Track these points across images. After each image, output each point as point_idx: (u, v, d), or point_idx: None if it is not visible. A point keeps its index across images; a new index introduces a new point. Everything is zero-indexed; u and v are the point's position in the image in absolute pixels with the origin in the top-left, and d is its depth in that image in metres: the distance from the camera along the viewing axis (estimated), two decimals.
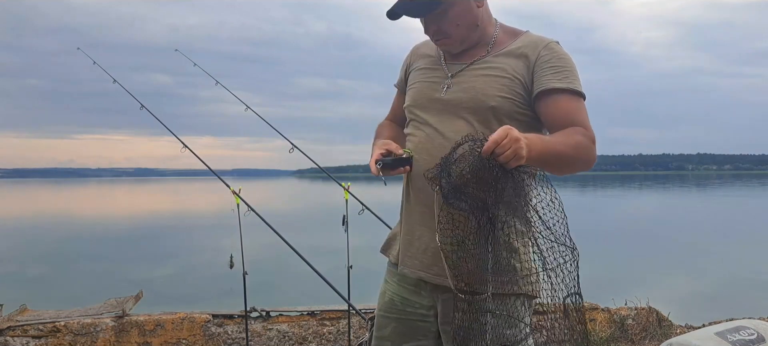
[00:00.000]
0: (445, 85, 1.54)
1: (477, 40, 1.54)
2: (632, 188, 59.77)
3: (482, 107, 1.46)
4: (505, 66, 1.49)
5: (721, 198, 38.28)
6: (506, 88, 1.46)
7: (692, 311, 5.58)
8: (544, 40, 1.50)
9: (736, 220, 21.62)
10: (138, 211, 31.56)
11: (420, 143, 1.54)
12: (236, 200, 3.21)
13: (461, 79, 1.52)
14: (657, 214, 25.26)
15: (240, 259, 3.33)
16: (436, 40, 1.53)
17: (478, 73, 1.51)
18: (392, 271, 1.65)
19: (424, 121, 1.55)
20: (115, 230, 19.56)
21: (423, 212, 1.51)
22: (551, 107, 1.44)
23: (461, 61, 1.55)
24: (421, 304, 1.58)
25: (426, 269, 1.53)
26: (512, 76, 1.47)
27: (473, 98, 1.48)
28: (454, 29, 1.49)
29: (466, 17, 1.49)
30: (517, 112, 1.47)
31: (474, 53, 1.55)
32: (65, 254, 13.47)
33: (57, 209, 33.89)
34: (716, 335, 1.39)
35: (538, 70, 1.45)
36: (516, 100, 1.46)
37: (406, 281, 1.60)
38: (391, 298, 1.62)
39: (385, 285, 1.66)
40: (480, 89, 1.47)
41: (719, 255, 12.04)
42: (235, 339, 4.07)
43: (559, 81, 1.43)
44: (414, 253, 1.55)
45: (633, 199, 39.99)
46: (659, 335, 4.21)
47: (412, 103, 1.60)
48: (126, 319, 4.05)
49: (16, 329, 3.91)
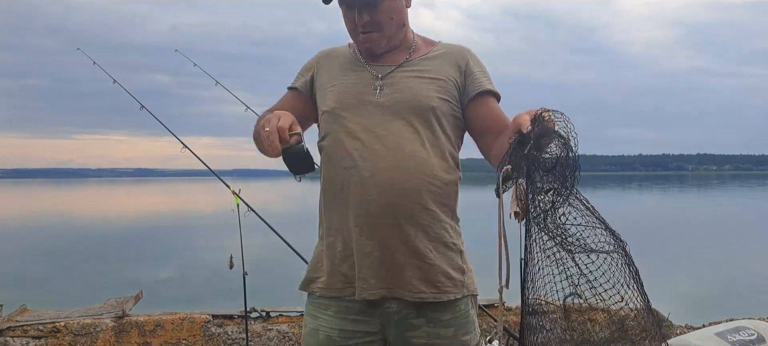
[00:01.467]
0: (376, 87, 1.47)
1: (399, 43, 1.52)
2: (632, 189, 59.77)
3: (423, 108, 1.44)
4: (438, 69, 1.49)
5: (721, 198, 38.28)
6: (443, 89, 1.47)
7: (692, 312, 5.58)
8: (466, 48, 1.56)
9: (736, 220, 21.62)
10: (138, 211, 31.56)
11: (355, 151, 1.41)
12: (236, 201, 3.21)
13: (393, 81, 1.47)
14: (657, 214, 25.26)
15: (240, 259, 3.33)
16: (365, 33, 1.46)
17: (410, 75, 1.48)
18: (322, 304, 1.48)
19: (355, 125, 1.43)
20: (115, 230, 19.57)
21: (372, 224, 1.39)
22: (484, 108, 1.51)
23: (386, 63, 1.51)
24: (368, 332, 1.45)
25: (386, 286, 1.41)
26: (446, 78, 1.48)
27: (413, 99, 1.44)
28: (387, 22, 1.45)
29: (399, 13, 1.48)
30: (452, 114, 1.48)
31: (396, 57, 1.52)
32: (65, 254, 13.48)
33: (57, 209, 33.89)
34: (716, 335, 1.39)
35: (470, 74, 1.51)
36: (451, 102, 1.48)
37: (349, 311, 1.45)
38: (328, 335, 1.46)
39: (314, 322, 1.49)
40: (418, 90, 1.45)
41: (719, 256, 12.04)
42: (235, 339, 4.07)
43: (489, 84, 1.52)
44: (368, 273, 1.41)
45: (633, 199, 39.99)
46: (659, 336, 4.20)
47: (338, 106, 1.47)
48: (126, 319, 4.05)
49: (16, 329, 3.91)
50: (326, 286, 1.48)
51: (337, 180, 1.44)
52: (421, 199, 1.40)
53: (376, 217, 1.39)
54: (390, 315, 1.44)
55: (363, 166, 1.40)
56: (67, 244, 15.72)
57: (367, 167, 1.39)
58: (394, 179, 1.38)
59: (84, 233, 18.80)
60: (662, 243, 13.82)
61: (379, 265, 1.40)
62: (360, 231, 1.41)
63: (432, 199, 1.41)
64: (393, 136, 1.41)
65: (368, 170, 1.39)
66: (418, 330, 1.43)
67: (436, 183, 1.42)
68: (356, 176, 1.40)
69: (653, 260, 11.25)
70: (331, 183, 1.46)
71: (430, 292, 1.42)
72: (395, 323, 1.44)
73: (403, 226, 1.39)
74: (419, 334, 1.43)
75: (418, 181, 1.39)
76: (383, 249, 1.40)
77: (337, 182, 1.44)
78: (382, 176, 1.39)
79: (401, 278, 1.41)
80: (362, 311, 1.44)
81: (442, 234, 1.44)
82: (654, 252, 12.23)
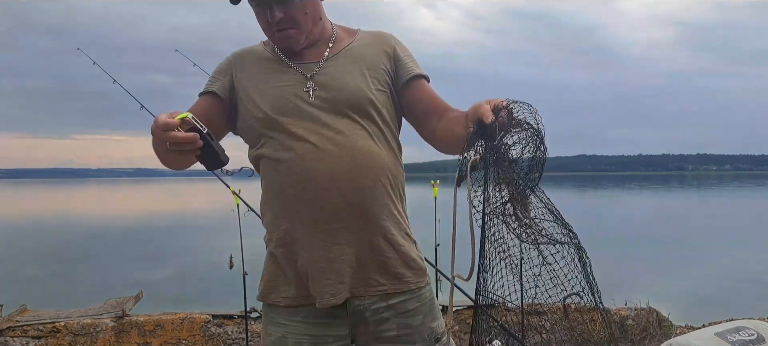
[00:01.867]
0: (307, 87, 1.40)
1: (318, 37, 1.47)
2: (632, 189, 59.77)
3: (362, 102, 1.40)
4: (368, 59, 1.46)
5: (720, 198, 38.28)
6: (377, 80, 1.45)
7: (692, 312, 5.58)
8: (389, 34, 1.55)
9: (736, 220, 21.62)
10: (138, 211, 31.56)
11: (307, 155, 1.35)
12: (236, 201, 3.21)
13: (323, 79, 1.41)
14: (657, 214, 25.26)
15: (240, 259, 3.33)
16: (280, 30, 1.39)
17: (339, 69, 1.43)
18: (290, 311, 1.44)
19: (298, 129, 1.37)
20: (115, 231, 19.56)
21: (336, 229, 1.36)
22: (419, 92, 1.49)
23: (309, 60, 1.45)
24: (337, 335, 1.43)
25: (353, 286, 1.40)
26: (377, 67, 1.46)
27: (351, 96, 1.40)
28: (303, 17, 1.40)
29: (314, 7, 1.43)
30: (389, 103, 1.47)
31: (318, 52, 1.46)
32: (65, 254, 13.48)
33: (57, 209, 33.89)
34: (716, 335, 1.39)
35: (399, 60, 1.50)
36: (386, 90, 1.46)
37: (315, 315, 1.41)
38: (297, 341, 1.42)
39: (282, 329, 1.44)
40: (353, 84, 1.41)
41: (719, 255, 12.04)
42: (235, 339, 4.07)
43: (418, 68, 1.51)
44: (334, 278, 1.38)
45: (633, 199, 39.99)
46: (659, 336, 4.21)
47: (273, 111, 1.39)
48: (126, 319, 4.05)
49: (16, 329, 3.91)
50: (293, 296, 1.43)
51: (287, 187, 1.37)
52: (381, 196, 1.39)
53: (339, 221, 1.36)
54: (360, 312, 1.42)
55: (320, 169, 1.34)
56: (67, 244, 15.72)
57: (324, 170, 1.34)
58: (355, 178, 1.35)
59: (84, 233, 18.80)
60: (662, 243, 13.82)
61: (344, 267, 1.38)
62: (323, 237, 1.36)
63: (389, 193, 1.41)
64: (342, 135, 1.37)
65: (326, 173, 1.34)
66: (388, 323, 1.43)
67: (390, 176, 1.41)
68: (312, 181, 1.35)
69: (653, 260, 11.25)
70: (279, 191, 1.39)
71: (395, 284, 1.42)
72: (366, 319, 1.42)
73: (366, 225, 1.38)
74: (389, 326, 1.43)
75: (376, 177, 1.38)
76: (346, 251, 1.38)
77: (288, 189, 1.37)
78: (342, 176, 1.35)
79: (366, 277, 1.40)
80: (330, 314, 1.41)
81: (400, 226, 1.44)
82: (654, 252, 12.24)
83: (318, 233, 1.37)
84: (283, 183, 1.38)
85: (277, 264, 1.46)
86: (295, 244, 1.40)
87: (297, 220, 1.38)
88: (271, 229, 1.45)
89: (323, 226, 1.36)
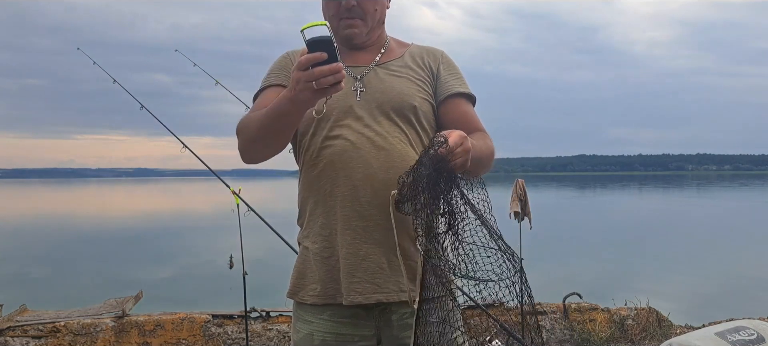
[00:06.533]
0: (355, 87, 1.45)
1: (374, 40, 1.52)
2: (632, 189, 59.77)
3: (406, 106, 1.44)
4: (415, 69, 1.51)
5: (720, 198, 38.28)
6: (423, 90, 1.49)
7: (692, 312, 5.59)
8: (439, 49, 1.57)
9: (736, 220, 21.62)
10: (138, 211, 31.56)
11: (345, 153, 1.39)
12: (236, 200, 3.21)
13: (371, 81, 1.46)
14: (657, 214, 25.26)
15: (240, 259, 3.33)
16: (348, 18, 1.44)
17: (388, 75, 1.48)
18: (317, 308, 1.46)
19: (342, 127, 1.41)
20: (116, 231, 19.57)
21: (366, 226, 1.38)
22: (456, 111, 1.51)
23: (360, 64, 1.49)
24: (362, 335, 1.44)
25: (382, 289, 1.40)
26: (424, 79, 1.50)
27: (396, 98, 1.44)
28: (371, 12, 1.46)
29: (382, 7, 1.49)
30: (431, 113, 1.50)
31: (368, 56, 1.51)
32: (65, 254, 13.50)
33: (57, 209, 33.90)
34: (716, 335, 1.39)
35: (442, 75, 1.52)
36: (430, 101, 1.50)
37: (341, 314, 1.43)
38: (323, 339, 1.45)
39: (309, 326, 1.47)
40: (399, 89, 1.45)
41: (719, 255, 12.05)
42: (235, 339, 4.07)
43: (461, 86, 1.52)
44: (362, 276, 1.39)
45: (633, 199, 39.99)
46: (659, 336, 4.21)
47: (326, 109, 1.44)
48: (126, 319, 4.05)
49: (16, 329, 3.91)
50: (320, 293, 1.44)
51: (325, 183, 1.41)
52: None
53: (369, 219, 1.38)
54: (387, 316, 1.43)
55: (355, 167, 1.38)
56: (67, 244, 15.74)
57: (359, 169, 1.38)
58: (388, 181, 1.36)
59: (84, 233, 18.82)
60: (662, 243, 13.83)
61: (374, 267, 1.39)
62: (353, 234, 1.38)
63: None
64: (382, 137, 1.40)
65: (361, 172, 1.38)
66: (411, 330, 1.43)
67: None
68: (347, 179, 1.38)
69: (653, 260, 11.26)
70: (317, 186, 1.43)
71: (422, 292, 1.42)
72: (392, 323, 1.43)
73: (396, 228, 1.37)
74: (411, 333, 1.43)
75: None
76: (376, 250, 1.39)
77: (325, 185, 1.41)
78: (375, 177, 1.37)
79: (395, 281, 1.40)
80: (357, 315, 1.43)
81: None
82: (654, 252, 12.25)
83: (350, 229, 1.39)
84: (320, 178, 1.42)
85: (306, 261, 1.48)
86: (330, 239, 1.42)
87: (331, 215, 1.41)
88: (310, 223, 1.47)
89: (355, 222, 1.38)
